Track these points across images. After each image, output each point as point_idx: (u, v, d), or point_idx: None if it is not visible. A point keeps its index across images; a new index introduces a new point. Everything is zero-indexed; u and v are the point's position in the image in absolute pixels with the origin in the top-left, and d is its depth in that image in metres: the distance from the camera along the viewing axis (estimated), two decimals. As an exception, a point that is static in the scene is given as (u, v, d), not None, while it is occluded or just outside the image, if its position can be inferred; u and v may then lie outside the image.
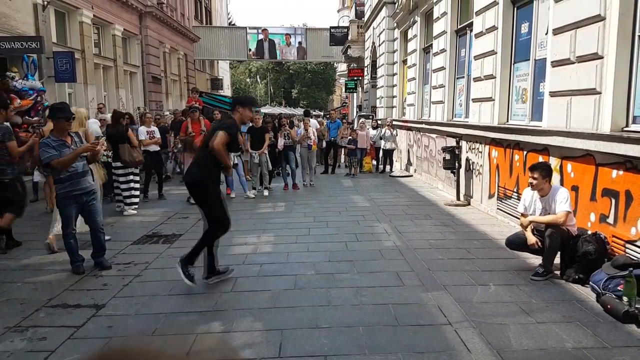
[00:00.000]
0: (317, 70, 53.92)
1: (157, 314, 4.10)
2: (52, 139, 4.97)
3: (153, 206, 9.02)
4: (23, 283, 4.88)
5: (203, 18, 29.65)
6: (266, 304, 4.28)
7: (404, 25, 14.61)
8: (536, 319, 3.89)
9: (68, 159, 4.92)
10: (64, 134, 5.07)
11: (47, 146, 4.90)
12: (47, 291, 4.63)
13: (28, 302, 4.35)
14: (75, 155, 4.97)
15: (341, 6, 38.35)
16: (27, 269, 5.32)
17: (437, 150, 10.52)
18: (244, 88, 58.04)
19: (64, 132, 5.06)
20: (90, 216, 5.27)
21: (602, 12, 4.95)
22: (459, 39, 9.92)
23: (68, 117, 5.10)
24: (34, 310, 4.17)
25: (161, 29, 20.44)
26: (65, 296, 4.52)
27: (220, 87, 32.60)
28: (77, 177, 5.04)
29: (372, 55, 20.56)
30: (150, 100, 19.15)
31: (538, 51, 6.67)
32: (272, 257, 5.74)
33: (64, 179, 4.98)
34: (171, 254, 5.87)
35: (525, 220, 5.07)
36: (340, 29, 28.76)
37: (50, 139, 4.97)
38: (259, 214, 8.32)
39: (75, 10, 13.84)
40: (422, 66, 12.80)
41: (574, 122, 5.45)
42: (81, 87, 13.95)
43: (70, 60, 12.17)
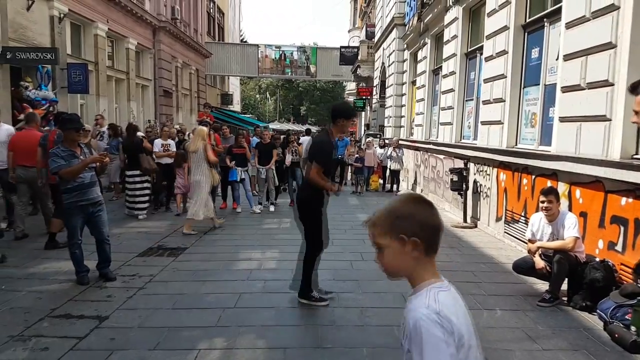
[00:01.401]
0: (326, 88, 54.34)
1: (160, 327, 4.08)
2: (61, 149, 5.03)
3: (160, 218, 9.04)
4: (27, 292, 4.87)
5: (215, 34, 30.06)
6: (270, 321, 4.26)
7: (414, 46, 14.74)
8: (542, 346, 3.84)
9: (76, 169, 4.96)
10: (74, 144, 5.12)
11: (56, 156, 4.96)
12: (51, 301, 4.62)
13: (32, 312, 4.34)
14: (83, 165, 5.02)
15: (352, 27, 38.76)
16: (32, 278, 5.32)
17: (445, 172, 10.51)
18: (254, 104, 58.53)
19: (73, 143, 5.11)
20: (96, 227, 5.26)
21: (613, 40, 4.97)
22: (469, 61, 9.98)
23: (78, 128, 5.17)
24: (37, 320, 4.16)
25: (174, 44, 20.72)
26: (69, 306, 4.51)
27: (230, 103, 32.90)
28: (85, 188, 5.07)
29: (382, 76, 20.71)
30: (160, 113, 19.33)
31: (548, 76, 6.70)
32: (276, 273, 5.72)
33: (71, 189, 5.01)
34: (176, 267, 5.88)
35: (533, 247, 5.04)
36: (351, 49, 29.03)
37: (60, 149, 5.03)
38: (265, 230, 8.32)
39: (91, 24, 14.09)
40: (431, 87, 12.87)
41: (583, 148, 5.44)
42: (93, 99, 14.12)
43: (84, 71, 12.34)
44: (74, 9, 12.89)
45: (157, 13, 18.74)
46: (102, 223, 5.28)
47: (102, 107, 14.38)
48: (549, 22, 6.71)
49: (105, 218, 5.35)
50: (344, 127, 4.88)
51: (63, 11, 12.32)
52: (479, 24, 9.34)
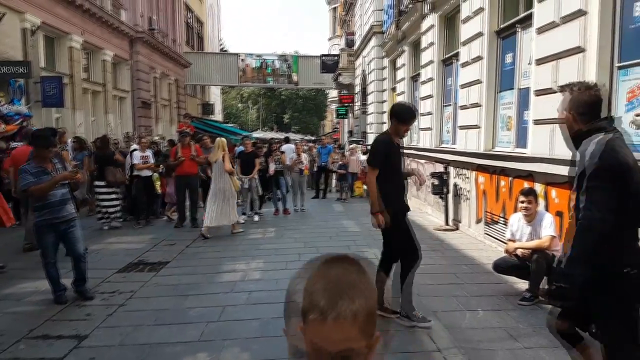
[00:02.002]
0: (309, 96, 54.44)
1: (141, 344, 4.03)
2: (32, 166, 4.88)
3: (140, 232, 8.95)
4: (3, 313, 4.77)
5: (195, 44, 29.95)
6: (254, 333, 4.24)
7: (393, 54, 14.89)
8: (524, 344, 3.89)
9: (45, 186, 4.80)
10: (45, 161, 4.96)
11: (26, 172, 4.80)
12: (28, 322, 4.52)
13: (8, 334, 4.25)
14: (53, 183, 4.85)
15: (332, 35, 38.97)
16: (7, 299, 5.21)
17: (426, 176, 10.61)
18: (236, 113, 58.36)
19: (44, 160, 4.96)
20: (70, 244, 5.06)
21: (581, 44, 5.11)
22: (446, 68, 10.12)
23: (47, 144, 4.99)
24: (14, 342, 4.07)
25: (152, 54, 20.58)
26: (46, 327, 4.43)
27: (211, 112, 32.74)
28: (55, 206, 4.90)
29: (363, 83, 20.86)
30: (139, 125, 19.13)
31: (522, 80, 6.83)
32: (261, 284, 5.70)
33: (41, 206, 4.86)
34: (157, 282, 5.82)
35: (511, 247, 5.13)
36: (331, 57, 29.14)
37: (31, 165, 4.88)
38: (249, 240, 8.29)
39: (65, 36, 13.89)
40: (411, 94, 13.01)
41: (557, 150, 5.55)
42: (69, 112, 13.89)
43: (59, 85, 12.09)
44: (47, 21, 12.70)
45: (134, 24, 18.60)
46: (76, 239, 5.09)
47: (78, 121, 14.19)
48: (521, 27, 6.85)
49: (78, 235, 5.14)
50: (397, 129, 4.42)
51: (35, 24, 12.13)
52: (455, 31, 9.49)
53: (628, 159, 2.30)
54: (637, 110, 4.63)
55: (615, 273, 2.33)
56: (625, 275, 2.31)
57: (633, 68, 4.68)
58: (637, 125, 4.64)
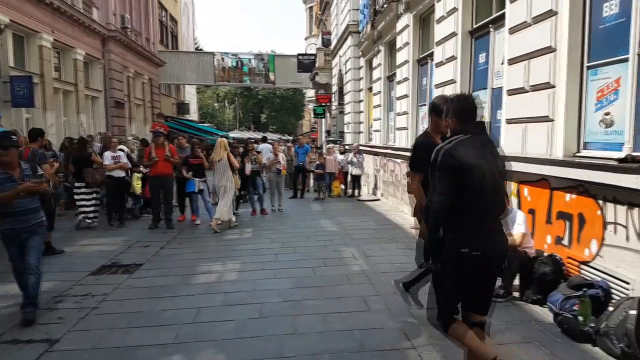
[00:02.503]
0: (286, 96, 54.35)
1: (114, 347, 3.97)
2: None
3: (114, 234, 8.79)
4: (-28, 318, 4.64)
5: (169, 43, 29.58)
6: (230, 335, 4.20)
7: (369, 54, 14.97)
8: (497, 340, 3.94)
9: (6, 196, 4.42)
10: (9, 166, 4.54)
11: None
12: (-3, 326, 4.41)
13: (-24, 338, 4.14)
14: (14, 194, 4.45)
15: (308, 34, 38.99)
16: (-23, 303, 5.07)
17: (403, 175, 10.69)
18: (212, 112, 57.84)
19: (8, 165, 4.53)
20: (23, 253, 4.62)
21: (552, 44, 5.21)
22: (421, 68, 10.22)
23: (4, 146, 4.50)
24: (-18, 347, 3.97)
25: (125, 53, 20.25)
26: (16, 331, 4.33)
27: (186, 112, 32.38)
28: (19, 215, 4.54)
29: (339, 82, 20.90)
30: (112, 125, 18.80)
31: (495, 80, 6.94)
32: (237, 285, 5.66)
33: (5, 214, 4.52)
34: (131, 284, 5.73)
35: None
36: (308, 56, 29.16)
37: None
38: (225, 241, 8.22)
39: (35, 34, 13.56)
40: (387, 94, 13.10)
41: (529, 148, 5.66)
42: (39, 112, 13.57)
43: (29, 84, 11.83)
44: (15, 19, 12.36)
45: (106, 22, 18.26)
46: (30, 249, 4.60)
47: (49, 121, 13.86)
48: (494, 27, 6.96)
49: (35, 244, 4.67)
50: (437, 125, 3.95)
51: (4, 22, 11.81)
52: (429, 31, 9.59)
53: (464, 160, 2.78)
54: (606, 109, 4.75)
55: (454, 251, 2.81)
56: (462, 254, 2.79)
57: (602, 68, 4.80)
58: (606, 124, 4.76)
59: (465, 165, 2.77)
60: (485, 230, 2.85)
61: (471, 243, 2.78)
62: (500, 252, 2.94)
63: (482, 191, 2.80)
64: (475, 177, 2.78)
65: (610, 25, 4.67)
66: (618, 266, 4.31)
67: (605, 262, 4.47)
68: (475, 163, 2.79)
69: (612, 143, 4.66)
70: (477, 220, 2.84)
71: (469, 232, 2.82)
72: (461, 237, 2.81)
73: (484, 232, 2.84)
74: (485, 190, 2.81)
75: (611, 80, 4.66)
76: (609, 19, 4.67)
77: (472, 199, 2.79)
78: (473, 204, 2.81)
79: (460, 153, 2.81)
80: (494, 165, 2.89)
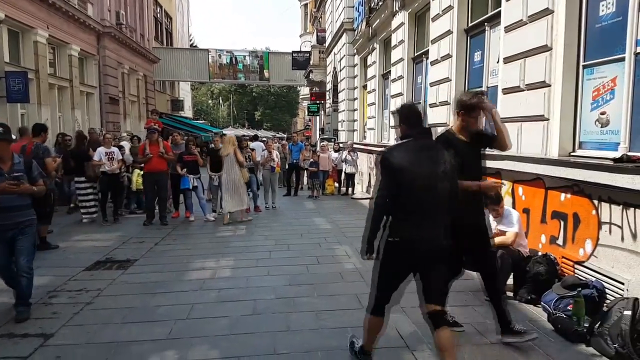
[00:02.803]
0: (281, 93, 54.21)
1: (108, 343, 3.95)
2: None
3: (108, 230, 8.74)
4: (-35, 313, 4.59)
5: (164, 39, 29.42)
6: (223, 331, 4.19)
7: (364, 51, 14.96)
8: (490, 340, 3.96)
9: None
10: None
11: None
12: (-9, 321, 4.38)
13: (-30, 334, 4.10)
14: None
15: (303, 31, 38.92)
16: (-31, 298, 5.03)
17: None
18: (206, 110, 57.65)
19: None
20: (15, 255, 4.49)
21: (548, 43, 5.22)
22: (416, 66, 10.23)
23: None
24: (-24, 342, 3.94)
25: (120, 49, 20.13)
26: (11, 325, 4.30)
27: (181, 109, 32.23)
28: (6, 212, 4.38)
29: (334, 80, 20.89)
30: (107, 121, 18.69)
31: (490, 79, 6.95)
32: (231, 282, 5.65)
33: None
34: (125, 280, 5.70)
35: None
36: (303, 54, 29.10)
37: None
38: (219, 238, 8.20)
39: (30, 30, 13.46)
40: (381, 92, 13.10)
41: (524, 147, 5.67)
42: (35, 108, 13.48)
43: (24, 80, 11.77)
44: (10, 14, 12.27)
45: (101, 18, 18.15)
46: (20, 251, 4.47)
47: (44, 117, 13.75)
48: (489, 26, 6.97)
49: (26, 245, 4.52)
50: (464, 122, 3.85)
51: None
52: (424, 29, 9.59)
53: (396, 163, 3.11)
54: (602, 109, 4.77)
55: (387, 240, 3.17)
56: (392, 243, 3.15)
57: (598, 67, 4.81)
58: (602, 124, 4.77)
59: (396, 167, 3.11)
60: (413, 223, 3.13)
61: (397, 233, 3.14)
62: (428, 243, 3.12)
63: (413, 191, 3.10)
64: (407, 178, 3.08)
65: (606, 24, 4.68)
66: (613, 266, 4.33)
67: (599, 262, 4.48)
68: (407, 166, 3.10)
69: (608, 143, 4.68)
70: (408, 215, 3.14)
71: (398, 224, 3.16)
72: (392, 229, 3.17)
73: (410, 225, 3.13)
74: (417, 190, 3.10)
75: (607, 80, 4.67)
76: (606, 17, 4.68)
77: (405, 197, 3.12)
78: (406, 202, 3.13)
79: (394, 156, 3.17)
80: (431, 169, 3.12)
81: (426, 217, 3.13)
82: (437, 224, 3.15)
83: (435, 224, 3.14)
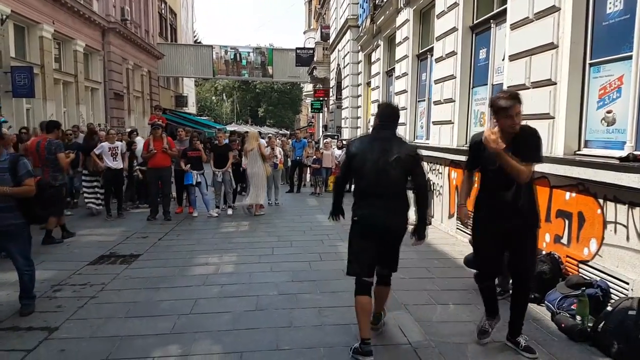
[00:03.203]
0: (284, 90, 54.26)
1: (112, 337, 3.96)
2: None
3: (112, 225, 8.77)
4: (-30, 306, 4.62)
5: (168, 35, 29.46)
6: (226, 326, 4.20)
7: (368, 48, 14.92)
8: (493, 338, 3.95)
9: None
10: None
11: None
12: (-4, 313, 4.41)
13: (-24, 325, 4.13)
14: None
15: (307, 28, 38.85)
16: (-26, 291, 5.06)
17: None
18: (210, 106, 57.72)
19: None
20: (10, 257, 4.48)
21: (554, 41, 5.19)
22: (420, 63, 10.19)
23: None
24: (-19, 334, 3.96)
25: (124, 45, 20.17)
26: (16, 319, 4.32)
27: (185, 105, 32.30)
28: None
29: (338, 77, 20.86)
30: (112, 116, 18.77)
31: (495, 76, 6.92)
32: (233, 277, 5.65)
33: None
34: (129, 274, 5.72)
35: None
36: (306, 50, 29.09)
37: None
38: (222, 233, 8.21)
39: (36, 25, 13.51)
40: (385, 89, 13.06)
41: (529, 145, 5.63)
42: (40, 103, 13.55)
43: (29, 75, 11.83)
44: (17, 10, 12.33)
45: (106, 14, 18.19)
46: (14, 255, 4.41)
47: (49, 112, 13.81)
48: (495, 23, 6.94)
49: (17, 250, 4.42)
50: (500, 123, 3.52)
51: (5, 12, 11.77)
52: (429, 26, 9.55)
53: (352, 150, 3.75)
54: (608, 107, 4.74)
55: (352, 220, 3.75)
56: (355, 221, 3.72)
57: (605, 65, 4.77)
58: (608, 122, 4.74)
59: (352, 154, 3.75)
60: (366, 204, 3.68)
61: (356, 213, 3.72)
62: (382, 221, 3.63)
63: (363, 175, 3.68)
64: (357, 163, 3.68)
65: (614, 22, 4.65)
66: (618, 266, 4.30)
67: (604, 262, 4.46)
68: (359, 153, 3.68)
69: (614, 141, 4.65)
70: (362, 196, 3.73)
71: (357, 205, 3.75)
72: (354, 209, 3.76)
73: (364, 205, 3.69)
74: (366, 175, 3.65)
75: (614, 78, 4.64)
76: (613, 15, 4.65)
77: (357, 180, 3.79)
78: (358, 184, 3.78)
79: (353, 144, 3.85)
80: (381, 157, 3.57)
81: (378, 198, 3.61)
82: (388, 204, 3.62)
83: (386, 204, 3.62)
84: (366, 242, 3.68)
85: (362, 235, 3.68)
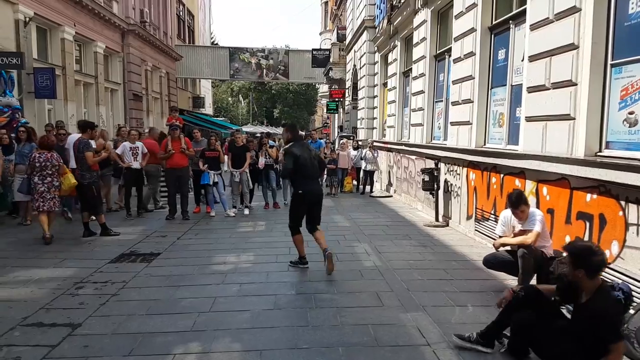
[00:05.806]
0: (299, 91, 54.30)
1: (134, 333, 4.03)
2: None
3: (132, 224, 8.91)
4: (-3, 302, 4.74)
5: (186, 37, 29.75)
6: (245, 324, 4.25)
7: (385, 49, 14.90)
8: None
9: None
10: None
11: None
12: (22, 309, 4.52)
13: (2, 321, 4.24)
14: None
15: (323, 29, 38.89)
16: (1, 287, 5.19)
17: (417, 172, 10.65)
18: (226, 107, 58.07)
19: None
20: None
21: (575, 41, 5.14)
22: (438, 63, 10.15)
23: None
24: (8, 329, 4.08)
25: (143, 47, 20.43)
26: (40, 315, 4.42)
27: (202, 106, 32.57)
28: None
29: (353, 78, 20.85)
30: (130, 117, 19.01)
31: (514, 77, 6.87)
32: (252, 276, 5.71)
33: None
34: (149, 273, 5.81)
35: (497, 243, 5.18)
36: (322, 51, 29.09)
37: None
38: (240, 233, 8.28)
39: (57, 27, 13.77)
40: (402, 89, 13.03)
41: (549, 147, 5.60)
42: (61, 104, 13.79)
43: (51, 76, 12.06)
44: (39, 12, 12.58)
45: (126, 16, 18.44)
46: None
47: (70, 112, 14.06)
48: (514, 24, 6.89)
49: None
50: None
51: (28, 15, 12.03)
52: (447, 27, 9.51)
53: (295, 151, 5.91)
54: (630, 108, 4.68)
55: (295, 193, 6.10)
56: (297, 194, 6.05)
57: (627, 66, 4.70)
58: (630, 123, 4.68)
59: (296, 154, 5.88)
60: (306, 182, 5.97)
61: (300, 188, 5.99)
62: (315, 193, 6.10)
63: (303, 165, 5.89)
64: (301, 159, 5.88)
65: (636, 22, 4.58)
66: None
67: (626, 264, 4.41)
68: (299, 153, 5.90)
69: (636, 143, 4.58)
70: (302, 178, 5.96)
71: (299, 183, 6.00)
72: (296, 186, 6.06)
73: (304, 184, 5.96)
74: (305, 165, 5.91)
75: (636, 79, 4.57)
76: (635, 15, 4.58)
77: (299, 169, 5.88)
78: (300, 171, 5.90)
79: (294, 148, 5.95)
80: (309, 154, 6.06)
81: (310, 178, 6.02)
82: (315, 182, 6.23)
83: (315, 182, 6.20)
84: (303, 207, 6.03)
85: (302, 203, 6.00)
